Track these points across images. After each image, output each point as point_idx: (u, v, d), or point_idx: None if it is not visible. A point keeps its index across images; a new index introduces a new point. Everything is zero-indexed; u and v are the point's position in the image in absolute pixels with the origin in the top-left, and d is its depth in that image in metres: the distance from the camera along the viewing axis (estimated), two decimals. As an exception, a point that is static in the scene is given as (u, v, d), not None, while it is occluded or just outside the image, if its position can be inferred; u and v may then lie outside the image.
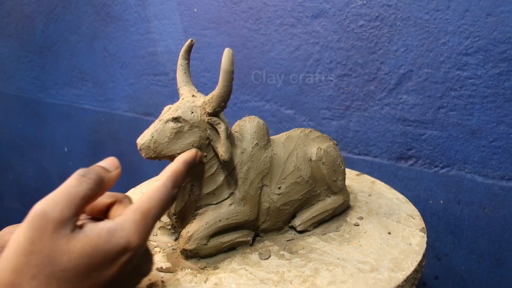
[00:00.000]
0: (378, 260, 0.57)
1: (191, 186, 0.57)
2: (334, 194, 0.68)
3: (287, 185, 0.62)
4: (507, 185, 0.87)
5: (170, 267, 0.55)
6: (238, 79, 1.11)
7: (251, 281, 0.52)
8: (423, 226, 0.67)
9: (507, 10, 0.79)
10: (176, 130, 0.53)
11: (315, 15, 0.97)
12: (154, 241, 0.61)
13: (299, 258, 0.58)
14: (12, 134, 1.72)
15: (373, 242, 0.62)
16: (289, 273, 0.54)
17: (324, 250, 0.60)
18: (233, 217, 0.58)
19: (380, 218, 0.70)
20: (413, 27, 0.88)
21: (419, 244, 0.62)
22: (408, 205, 0.75)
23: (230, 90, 0.53)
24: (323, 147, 0.66)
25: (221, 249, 0.58)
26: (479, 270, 0.94)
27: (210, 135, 0.55)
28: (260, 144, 0.60)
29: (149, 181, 0.85)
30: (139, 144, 0.54)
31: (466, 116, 0.88)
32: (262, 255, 0.58)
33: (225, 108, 0.55)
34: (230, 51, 0.52)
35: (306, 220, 0.65)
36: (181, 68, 0.60)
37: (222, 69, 0.52)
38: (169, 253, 0.59)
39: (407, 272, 0.55)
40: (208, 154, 0.56)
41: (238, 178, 0.58)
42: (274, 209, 0.61)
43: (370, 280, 0.53)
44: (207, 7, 1.11)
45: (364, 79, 0.96)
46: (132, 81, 1.31)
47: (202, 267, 0.55)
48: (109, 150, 1.45)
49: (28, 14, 1.47)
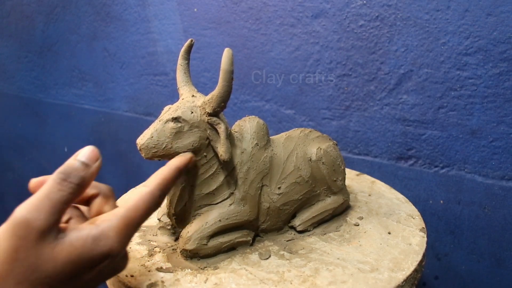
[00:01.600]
0: (378, 260, 0.57)
1: (191, 186, 0.57)
2: (334, 194, 0.68)
3: (287, 185, 0.62)
4: (507, 185, 0.87)
5: (170, 267, 0.55)
6: (238, 79, 1.11)
7: (251, 281, 0.53)
8: (423, 226, 0.67)
9: (507, 10, 0.79)
10: (176, 130, 0.53)
11: (315, 15, 0.97)
12: (154, 241, 0.61)
13: (299, 258, 0.58)
14: (12, 134, 1.72)
15: (373, 242, 0.62)
16: (289, 273, 0.54)
17: (324, 250, 0.60)
18: (233, 217, 0.58)
19: (380, 218, 0.70)
20: (413, 27, 0.88)
21: (419, 244, 0.62)
22: (408, 205, 0.74)
23: (230, 90, 0.53)
24: (323, 147, 0.66)
25: (221, 249, 0.58)
26: (479, 270, 0.94)
27: (210, 135, 0.55)
28: (260, 144, 0.60)
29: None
30: (139, 144, 0.54)
31: (466, 116, 0.88)
32: (262, 255, 0.58)
33: (225, 108, 0.55)
34: (230, 51, 0.52)
35: (306, 220, 0.65)
36: (181, 68, 0.60)
37: (222, 69, 0.52)
38: (169, 253, 0.59)
39: (407, 272, 0.55)
40: (208, 154, 0.56)
41: (238, 178, 0.58)
42: (274, 209, 0.61)
43: (370, 280, 0.53)
44: (207, 7, 1.11)
45: (364, 79, 0.96)
46: (132, 81, 1.31)
47: (202, 267, 0.55)
48: (109, 150, 1.45)
49: (28, 14, 1.47)
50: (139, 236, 0.64)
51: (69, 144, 1.55)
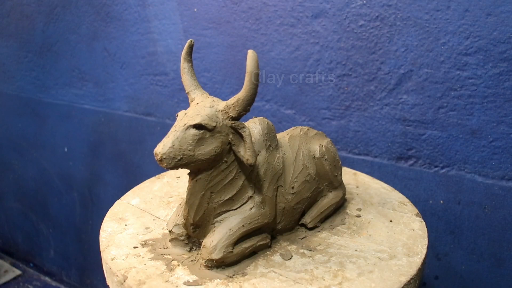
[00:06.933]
0: (392, 248, 0.60)
1: (211, 193, 0.55)
2: (334, 189, 0.69)
3: (299, 184, 0.63)
4: (507, 185, 0.87)
5: (197, 280, 0.54)
6: (238, 79, 1.11)
7: (285, 283, 0.53)
8: (417, 211, 0.71)
9: (507, 10, 0.79)
10: (199, 137, 0.51)
11: (315, 15, 0.97)
12: (168, 255, 0.60)
13: (320, 254, 0.59)
14: (12, 134, 1.72)
15: (380, 231, 0.65)
16: (317, 270, 0.55)
17: (341, 244, 0.62)
18: (255, 221, 0.57)
19: (376, 207, 0.73)
20: (413, 27, 0.88)
21: (420, 228, 0.66)
22: (395, 193, 0.78)
23: (255, 93, 0.52)
24: (323, 144, 0.68)
25: (245, 255, 0.57)
26: (479, 270, 0.94)
27: (232, 139, 0.54)
28: (272, 146, 0.61)
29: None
30: (159, 154, 0.50)
31: (466, 116, 0.88)
32: (284, 255, 0.59)
33: (249, 112, 0.54)
34: (254, 53, 0.50)
35: (316, 216, 0.66)
36: (186, 72, 0.58)
37: (247, 71, 0.51)
38: (189, 265, 0.57)
39: (422, 256, 0.58)
40: (229, 159, 0.55)
41: (256, 181, 0.58)
42: (289, 208, 0.62)
43: (393, 267, 0.56)
44: (207, 7, 1.11)
45: (364, 79, 0.96)
46: (132, 81, 1.31)
47: (231, 275, 0.54)
48: (109, 150, 1.45)
49: (28, 14, 1.47)
50: (149, 250, 0.61)
51: (69, 144, 1.55)
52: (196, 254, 0.59)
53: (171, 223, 0.62)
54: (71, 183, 1.59)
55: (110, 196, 1.51)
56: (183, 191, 0.79)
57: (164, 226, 0.68)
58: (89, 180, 1.54)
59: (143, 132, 1.34)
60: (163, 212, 0.72)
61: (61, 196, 1.63)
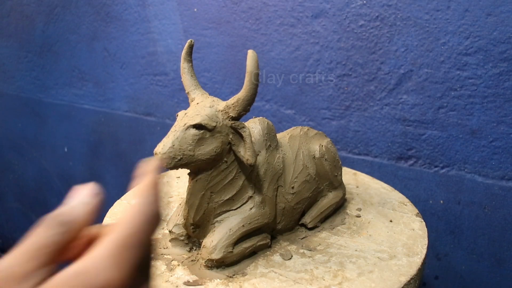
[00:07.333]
0: (392, 248, 0.60)
1: (211, 194, 0.55)
2: (334, 189, 0.69)
3: (299, 184, 0.63)
4: (507, 185, 0.87)
5: (197, 280, 0.54)
6: (238, 79, 1.11)
7: (285, 283, 0.53)
8: (417, 211, 0.71)
9: (507, 10, 0.79)
10: (199, 137, 0.51)
11: (315, 15, 0.97)
12: (168, 255, 0.60)
13: (320, 254, 0.59)
14: (12, 134, 1.72)
15: (380, 231, 0.65)
16: (317, 270, 0.55)
17: (340, 244, 0.62)
18: (255, 221, 0.57)
19: (376, 207, 0.73)
20: (413, 27, 0.88)
21: (420, 228, 0.65)
22: (395, 193, 0.78)
23: (255, 93, 0.52)
24: (323, 143, 0.67)
25: (245, 255, 0.57)
26: (479, 270, 0.94)
27: (232, 139, 0.54)
28: (272, 146, 0.61)
29: None
30: (159, 154, 0.50)
31: (466, 116, 0.88)
32: (284, 255, 0.59)
33: (249, 112, 0.54)
34: (254, 53, 0.50)
35: (315, 216, 0.66)
36: (186, 72, 0.58)
37: (247, 71, 0.51)
38: (189, 265, 0.57)
39: (422, 256, 0.58)
40: (229, 159, 0.54)
41: (256, 181, 0.58)
42: (289, 208, 0.62)
43: (393, 267, 0.55)
44: (207, 7, 1.11)
45: (364, 79, 0.96)
46: (132, 81, 1.31)
47: (231, 275, 0.54)
48: (109, 150, 1.45)
49: (28, 14, 1.47)
50: None
51: (69, 144, 1.55)
52: (196, 254, 0.59)
53: (171, 223, 0.62)
54: (71, 183, 1.59)
55: (110, 196, 1.51)
56: (183, 191, 0.79)
57: (164, 226, 0.68)
58: (89, 180, 1.53)
59: (143, 132, 1.34)
60: (163, 212, 0.72)
61: (61, 196, 1.63)
